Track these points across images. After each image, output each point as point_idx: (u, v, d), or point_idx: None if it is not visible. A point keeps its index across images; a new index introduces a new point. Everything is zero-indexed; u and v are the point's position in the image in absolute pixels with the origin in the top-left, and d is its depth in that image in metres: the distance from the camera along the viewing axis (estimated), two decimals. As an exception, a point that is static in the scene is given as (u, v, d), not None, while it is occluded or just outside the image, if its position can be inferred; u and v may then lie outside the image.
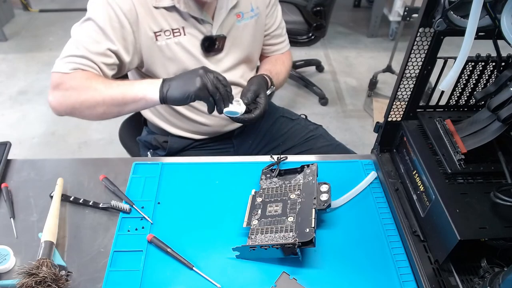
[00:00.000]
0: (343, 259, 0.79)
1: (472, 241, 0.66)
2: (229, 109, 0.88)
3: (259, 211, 0.84)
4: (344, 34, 3.34)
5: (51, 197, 0.86)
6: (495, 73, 0.81)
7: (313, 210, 0.78)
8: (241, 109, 0.91)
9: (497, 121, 0.70)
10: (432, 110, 0.89)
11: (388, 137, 0.95)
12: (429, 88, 0.88)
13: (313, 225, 0.74)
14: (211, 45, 1.01)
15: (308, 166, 0.91)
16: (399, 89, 0.84)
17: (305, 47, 2.81)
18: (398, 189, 0.89)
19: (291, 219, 0.80)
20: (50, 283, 0.68)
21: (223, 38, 1.03)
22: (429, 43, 0.76)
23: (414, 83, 0.83)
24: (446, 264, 0.73)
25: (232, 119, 0.93)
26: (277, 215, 0.82)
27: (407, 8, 2.04)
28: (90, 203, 0.86)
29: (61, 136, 2.25)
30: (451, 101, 0.88)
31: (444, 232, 0.69)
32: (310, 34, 2.30)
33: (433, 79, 0.82)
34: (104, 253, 0.78)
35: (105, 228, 0.83)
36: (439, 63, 0.80)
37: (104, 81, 0.89)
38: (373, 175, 0.95)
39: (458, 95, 0.87)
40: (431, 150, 0.82)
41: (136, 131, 1.28)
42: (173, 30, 0.96)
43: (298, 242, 0.72)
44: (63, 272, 0.72)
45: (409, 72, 0.80)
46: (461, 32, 0.64)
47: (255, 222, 0.82)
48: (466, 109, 0.90)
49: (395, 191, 0.89)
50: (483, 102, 0.87)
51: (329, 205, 0.80)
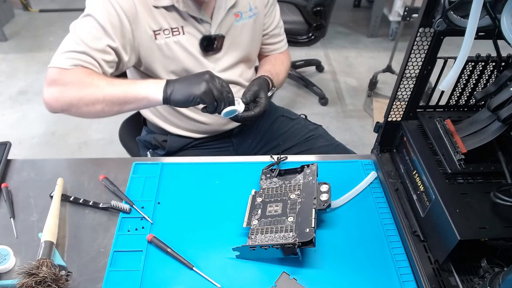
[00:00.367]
0: (343, 259, 0.79)
1: (472, 241, 0.66)
2: (228, 109, 0.88)
3: (259, 211, 0.84)
4: (344, 34, 3.34)
5: (51, 197, 0.86)
6: (495, 73, 0.81)
7: (313, 210, 0.78)
8: (240, 108, 0.90)
9: (497, 121, 0.70)
10: (432, 110, 0.89)
11: (388, 137, 0.95)
12: (429, 88, 0.88)
13: (313, 225, 0.74)
14: (209, 44, 1.02)
15: (308, 166, 0.91)
16: (399, 89, 0.84)
17: (305, 47, 2.81)
18: (398, 189, 0.89)
19: (291, 219, 0.80)
20: (50, 283, 0.68)
21: (221, 38, 1.03)
22: (429, 43, 0.76)
23: (414, 83, 0.83)
24: (446, 264, 0.73)
25: (231, 119, 0.92)
26: (277, 215, 0.82)
27: (407, 8, 2.04)
28: (90, 203, 0.86)
29: (61, 136, 2.25)
30: (451, 101, 0.88)
31: (444, 232, 0.69)
32: (310, 34, 2.30)
33: (433, 79, 0.82)
34: (104, 253, 0.78)
35: (105, 228, 0.83)
36: (439, 63, 0.80)
37: (105, 78, 0.89)
38: (373, 175, 0.95)
39: (458, 95, 0.87)
40: (431, 150, 0.82)
41: (136, 131, 1.28)
42: (172, 29, 0.96)
43: (298, 242, 0.72)
44: (63, 272, 0.72)
45: (409, 72, 0.80)
46: (461, 32, 0.64)
47: (255, 222, 0.82)
48: (466, 109, 0.90)
49: (395, 191, 0.89)
50: (483, 102, 0.87)
51: (329, 205, 0.80)
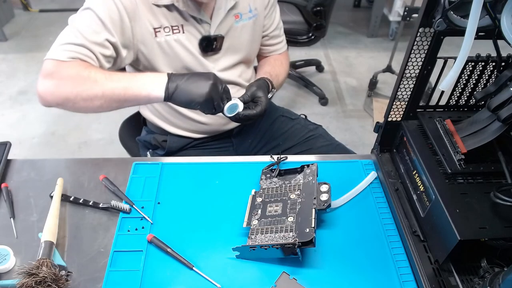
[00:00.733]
0: (343, 259, 0.79)
1: (472, 241, 0.66)
2: (230, 103, 0.87)
3: (259, 211, 0.84)
4: (344, 34, 3.34)
5: (51, 197, 0.86)
6: (495, 73, 0.81)
7: (313, 210, 0.78)
8: (239, 105, 0.90)
9: (497, 121, 0.70)
10: (432, 110, 0.89)
11: (388, 137, 0.95)
12: (429, 88, 0.88)
13: (313, 225, 0.74)
14: (208, 45, 1.01)
15: (308, 166, 0.91)
16: (399, 89, 0.84)
17: (305, 47, 2.81)
18: (398, 189, 0.89)
19: (291, 219, 0.80)
20: (50, 283, 0.68)
21: (221, 38, 1.03)
22: (429, 43, 0.76)
23: (414, 83, 0.83)
24: (446, 264, 0.73)
25: (232, 119, 0.92)
26: (277, 215, 0.82)
27: (407, 8, 2.04)
28: (90, 203, 0.86)
29: (61, 136, 2.25)
30: (451, 101, 0.88)
31: (444, 232, 0.69)
32: (310, 34, 2.30)
33: (433, 79, 0.82)
34: (104, 253, 0.78)
35: (105, 228, 0.83)
36: (439, 63, 0.80)
37: (104, 72, 0.86)
38: (373, 175, 0.95)
39: (458, 95, 0.87)
40: (431, 150, 0.82)
41: (136, 131, 1.28)
42: (172, 27, 0.97)
43: (298, 242, 0.72)
44: (63, 272, 0.72)
45: (409, 72, 0.80)
46: (461, 32, 0.64)
47: (255, 222, 0.82)
48: (466, 109, 0.90)
49: (395, 191, 0.89)
50: (483, 102, 0.87)
51: (329, 205, 0.80)
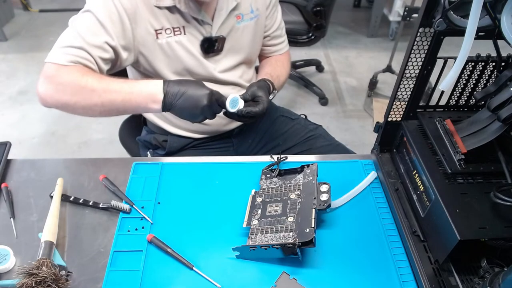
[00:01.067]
0: (343, 259, 0.79)
1: (472, 241, 0.66)
2: (231, 97, 0.88)
3: (259, 211, 0.84)
4: (344, 34, 3.34)
5: (51, 197, 0.86)
6: (495, 73, 0.81)
7: (313, 210, 0.78)
8: (240, 102, 0.89)
9: (497, 121, 0.70)
10: (432, 110, 0.89)
11: (388, 137, 0.95)
12: (429, 88, 0.88)
13: (313, 225, 0.74)
14: (210, 46, 1.01)
15: (308, 166, 0.91)
16: (399, 89, 0.84)
17: (305, 47, 2.81)
18: (398, 189, 0.89)
19: (291, 219, 0.80)
20: (50, 283, 0.68)
21: (222, 39, 1.03)
22: (429, 43, 0.76)
23: (414, 83, 0.83)
24: (446, 264, 0.73)
25: (233, 115, 0.91)
26: (277, 215, 0.82)
27: (407, 8, 2.04)
28: (90, 203, 0.86)
29: (61, 136, 2.25)
30: (451, 101, 0.88)
31: (444, 232, 0.69)
32: (310, 34, 2.30)
33: (433, 79, 0.82)
34: (104, 253, 0.78)
35: (105, 228, 0.83)
36: (439, 63, 0.80)
37: (101, 80, 0.86)
38: (373, 175, 0.95)
39: (458, 95, 0.87)
40: (431, 150, 0.82)
41: (136, 131, 1.28)
42: (173, 28, 0.96)
43: (298, 242, 0.72)
44: (63, 272, 0.72)
45: (409, 72, 0.80)
46: (461, 32, 0.64)
47: (255, 222, 0.82)
48: (466, 109, 0.90)
49: (395, 191, 0.89)
50: (483, 102, 0.87)
51: (329, 205, 0.80)
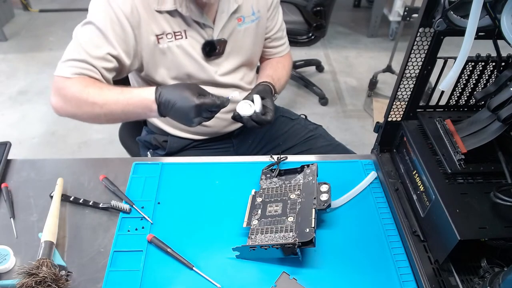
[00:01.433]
0: (343, 259, 0.79)
1: (472, 241, 0.66)
2: (240, 108, 0.89)
3: (259, 211, 0.84)
4: (344, 34, 3.34)
5: (51, 197, 0.86)
6: (495, 73, 0.81)
7: (313, 210, 0.78)
8: (254, 108, 0.93)
9: (497, 121, 0.70)
10: (432, 110, 0.89)
11: (388, 137, 0.95)
12: (429, 88, 0.88)
13: (313, 225, 0.74)
14: (212, 49, 1.01)
15: (308, 166, 0.91)
16: (399, 89, 0.84)
17: (305, 47, 2.81)
18: (398, 189, 0.89)
19: (291, 219, 0.80)
20: (50, 283, 0.68)
21: (223, 42, 1.02)
22: (429, 43, 0.76)
23: (414, 83, 0.83)
24: (446, 264, 0.73)
25: (241, 121, 0.94)
26: (277, 215, 0.82)
27: (407, 8, 2.04)
28: (90, 203, 0.86)
29: (61, 136, 2.25)
30: (451, 101, 0.88)
31: (444, 232, 0.69)
32: (310, 34, 2.29)
33: (433, 79, 0.82)
34: (104, 253, 0.78)
35: (105, 228, 0.83)
36: (439, 63, 0.80)
37: (101, 92, 0.88)
38: (373, 175, 0.95)
39: (458, 95, 0.87)
40: (431, 150, 0.82)
41: (136, 131, 1.28)
42: (175, 33, 0.96)
43: (298, 242, 0.72)
44: (63, 272, 0.72)
45: (409, 72, 0.80)
46: (461, 32, 0.64)
47: (255, 222, 0.82)
48: (466, 109, 0.90)
49: (395, 191, 0.89)
50: (483, 102, 0.87)
51: (329, 205, 0.80)
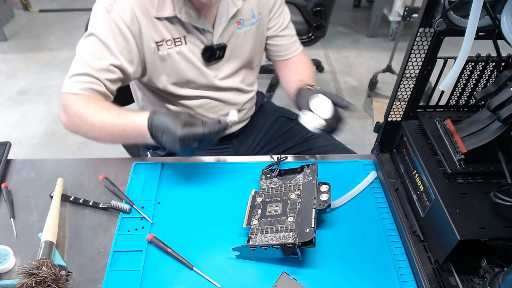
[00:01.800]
0: (343, 259, 0.79)
1: (472, 241, 0.66)
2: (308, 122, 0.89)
3: (259, 211, 0.84)
4: (344, 34, 3.34)
5: (51, 197, 0.86)
6: (495, 73, 0.81)
7: (313, 210, 0.78)
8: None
9: (497, 121, 0.70)
10: (432, 110, 0.89)
11: (388, 137, 0.95)
12: (429, 88, 0.88)
13: (313, 225, 0.74)
14: (212, 55, 1.01)
15: (308, 166, 0.91)
16: (399, 89, 0.84)
17: (305, 47, 2.78)
18: (398, 189, 0.89)
19: (291, 219, 0.80)
20: (50, 283, 0.68)
21: (223, 47, 1.02)
22: (429, 43, 0.76)
23: (414, 83, 0.83)
24: (446, 264, 0.73)
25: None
26: (277, 215, 0.82)
27: (407, 8, 2.04)
28: (90, 203, 0.86)
29: (61, 136, 2.25)
30: (451, 101, 0.88)
31: (444, 232, 0.69)
32: (310, 34, 2.29)
33: (433, 79, 0.82)
34: (104, 253, 0.78)
35: (105, 228, 0.83)
36: (439, 63, 0.80)
37: (99, 115, 0.87)
38: (373, 175, 0.95)
39: (458, 95, 0.87)
40: (431, 150, 0.82)
41: (136, 131, 1.27)
42: (174, 39, 0.96)
43: (298, 242, 0.72)
44: (63, 272, 0.72)
45: (409, 72, 0.80)
46: (461, 32, 0.64)
47: (255, 222, 0.82)
48: (466, 109, 0.90)
49: (395, 191, 0.89)
50: (483, 102, 0.87)
51: (329, 205, 0.80)
